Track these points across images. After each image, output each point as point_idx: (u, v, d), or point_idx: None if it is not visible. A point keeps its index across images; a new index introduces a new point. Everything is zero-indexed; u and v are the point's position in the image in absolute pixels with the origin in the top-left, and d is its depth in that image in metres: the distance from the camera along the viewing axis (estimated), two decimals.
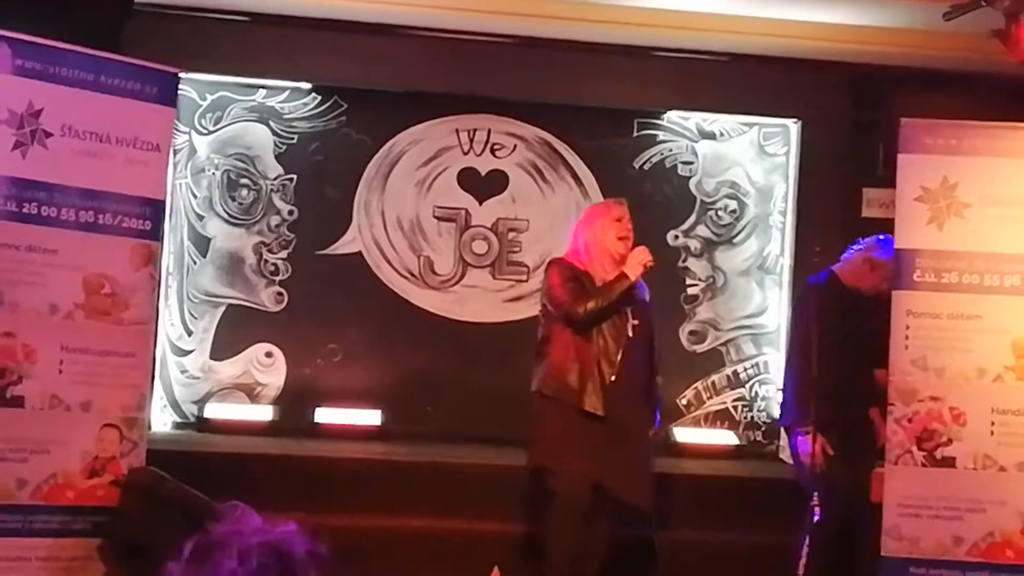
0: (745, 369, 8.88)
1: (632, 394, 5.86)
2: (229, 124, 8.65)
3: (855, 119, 8.69)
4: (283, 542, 1.96)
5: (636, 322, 5.91)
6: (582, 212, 6.58)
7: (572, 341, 5.83)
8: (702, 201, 8.91)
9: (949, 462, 5.67)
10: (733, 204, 8.93)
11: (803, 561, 6.08)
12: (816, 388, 5.88)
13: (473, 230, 8.79)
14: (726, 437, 8.64)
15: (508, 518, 6.50)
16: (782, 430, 7.06)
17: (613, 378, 5.76)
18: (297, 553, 1.96)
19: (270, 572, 1.92)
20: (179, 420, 8.49)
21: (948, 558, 5.61)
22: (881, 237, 6.21)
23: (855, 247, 6.37)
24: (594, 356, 5.78)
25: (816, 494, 6.03)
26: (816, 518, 6.02)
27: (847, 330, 6.00)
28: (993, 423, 5.67)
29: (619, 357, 5.79)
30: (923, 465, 5.68)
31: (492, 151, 8.81)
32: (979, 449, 5.65)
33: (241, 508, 2.05)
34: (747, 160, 8.95)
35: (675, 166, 8.89)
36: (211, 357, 8.59)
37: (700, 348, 8.85)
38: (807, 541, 6.05)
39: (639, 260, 5.85)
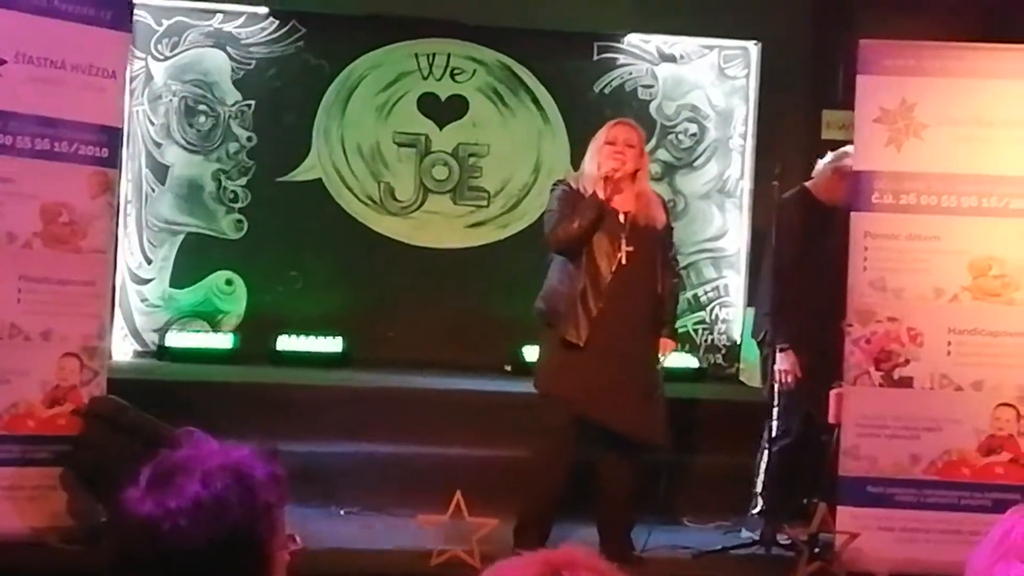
0: (706, 292, 8.91)
1: (627, 322, 5.56)
2: (186, 50, 8.54)
3: (815, 41, 8.66)
4: (242, 464, 1.97)
5: (631, 248, 5.54)
6: None
7: (566, 267, 5.60)
8: (662, 125, 8.88)
9: (906, 382, 5.73)
10: (693, 128, 8.92)
11: (761, 479, 6.15)
12: (793, 305, 5.91)
13: (433, 155, 8.74)
14: (687, 360, 8.68)
15: (471, 443, 6.55)
16: (754, 347, 6.94)
17: (601, 306, 5.49)
18: (257, 474, 1.97)
19: (232, 494, 1.93)
20: (140, 349, 8.47)
21: (905, 476, 5.68)
22: (849, 148, 6.11)
23: (823, 161, 6.32)
24: (583, 285, 5.51)
25: (776, 412, 6.08)
26: (774, 436, 6.08)
27: (820, 245, 6.00)
28: (950, 343, 5.72)
29: (606, 284, 5.51)
30: (881, 385, 5.73)
31: (452, 76, 8.75)
32: (936, 369, 5.70)
33: (197, 434, 2.05)
34: (707, 83, 8.93)
35: (635, 90, 8.85)
36: (171, 285, 8.56)
37: None
38: (765, 460, 6.12)
39: (600, 174, 5.53)
